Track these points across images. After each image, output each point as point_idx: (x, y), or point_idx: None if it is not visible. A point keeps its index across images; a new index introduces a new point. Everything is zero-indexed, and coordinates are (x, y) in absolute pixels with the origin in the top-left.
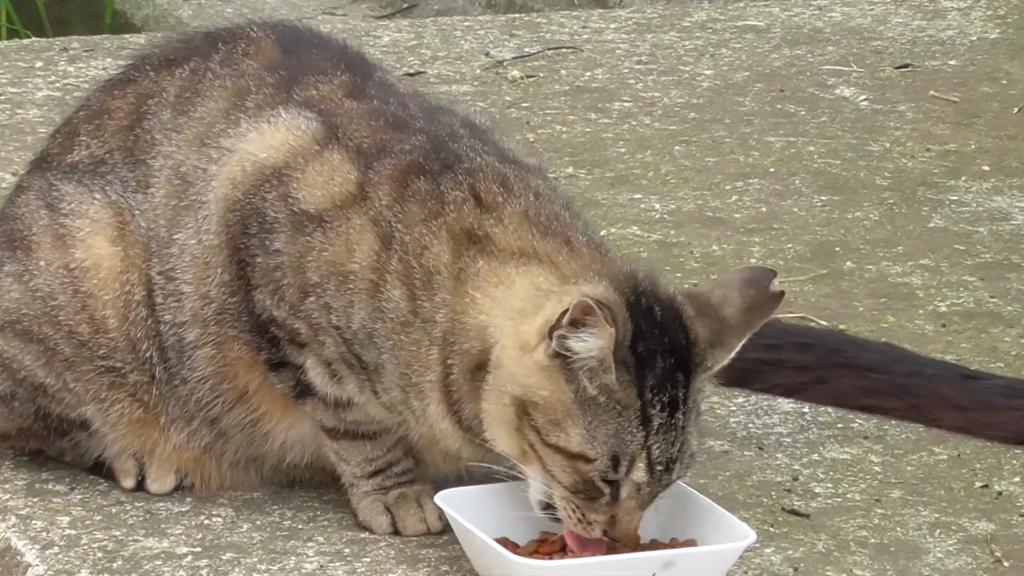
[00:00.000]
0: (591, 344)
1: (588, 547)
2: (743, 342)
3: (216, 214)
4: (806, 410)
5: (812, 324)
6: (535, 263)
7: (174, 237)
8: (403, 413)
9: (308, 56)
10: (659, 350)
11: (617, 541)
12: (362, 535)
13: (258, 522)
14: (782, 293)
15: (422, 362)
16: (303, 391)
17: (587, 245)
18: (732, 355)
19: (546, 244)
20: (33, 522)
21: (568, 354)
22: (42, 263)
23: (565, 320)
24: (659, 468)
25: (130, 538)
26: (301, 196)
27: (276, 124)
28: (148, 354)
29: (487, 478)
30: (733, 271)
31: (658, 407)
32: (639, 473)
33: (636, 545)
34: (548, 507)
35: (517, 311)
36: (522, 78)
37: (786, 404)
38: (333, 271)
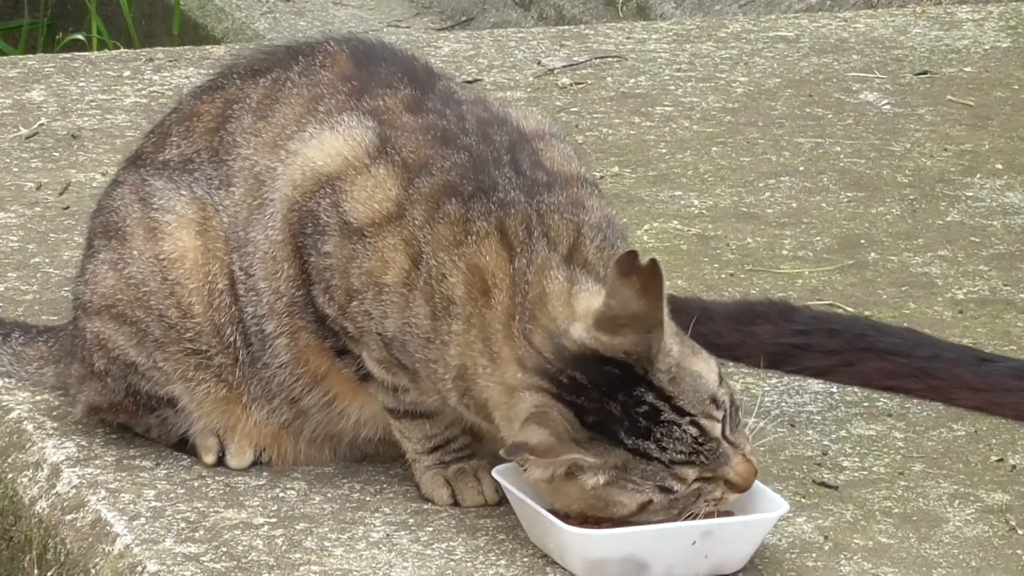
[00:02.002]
0: (540, 472)
1: None
2: (665, 309)
3: (280, 212)
4: (834, 390)
5: (839, 311)
6: (506, 358)
7: (249, 236)
8: (452, 407)
9: (377, 69)
10: (604, 400)
11: (744, 487)
12: (425, 506)
13: (329, 495)
14: (653, 260)
15: (442, 380)
16: (366, 375)
17: (522, 336)
18: (665, 326)
19: (513, 347)
20: (121, 495)
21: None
22: (135, 252)
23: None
24: (693, 456)
25: (211, 509)
26: (348, 207)
27: (336, 131)
28: (232, 339)
29: None
30: (603, 278)
31: (645, 439)
32: (688, 476)
33: (753, 473)
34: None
35: (507, 410)
36: (571, 85)
37: (816, 384)
38: (372, 281)
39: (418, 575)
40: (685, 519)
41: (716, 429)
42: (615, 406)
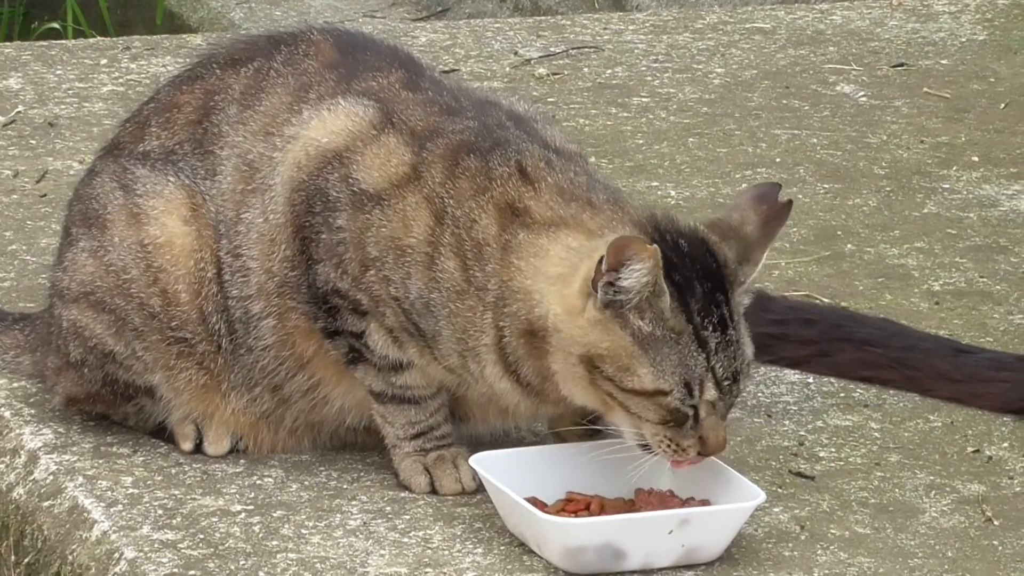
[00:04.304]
0: (641, 272)
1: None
2: (766, 252)
3: (282, 195)
4: (811, 381)
5: (816, 301)
6: (563, 228)
7: (242, 217)
8: (462, 375)
9: (364, 56)
10: (695, 276)
11: (711, 454)
12: (402, 494)
13: (306, 482)
14: (790, 202)
15: (477, 327)
16: (355, 357)
17: (608, 203)
18: (759, 266)
19: (570, 208)
20: (99, 482)
21: (619, 298)
22: (116, 239)
23: (604, 266)
24: (727, 383)
25: (188, 497)
26: (360, 176)
27: (336, 111)
28: (217, 326)
29: (518, 442)
30: (741, 191)
31: (710, 328)
32: (710, 392)
33: (721, 448)
34: (645, 447)
35: (557, 276)
36: (548, 75)
37: (792, 375)
38: (391, 246)
39: (395, 563)
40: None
41: (745, 386)
42: (699, 287)
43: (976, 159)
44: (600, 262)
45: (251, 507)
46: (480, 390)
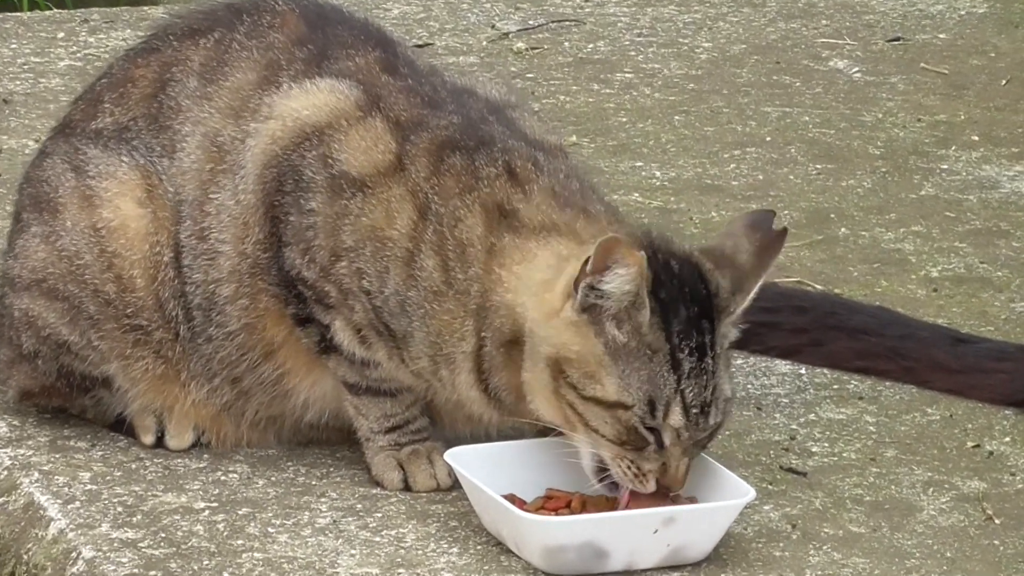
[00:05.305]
0: (625, 278)
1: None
2: (760, 283)
3: (253, 172)
4: (803, 371)
5: (808, 288)
6: (555, 235)
7: (210, 197)
8: (430, 381)
9: (334, 31)
10: (681, 298)
11: (669, 489)
12: (374, 491)
13: (273, 478)
14: (785, 230)
15: (456, 333)
16: (327, 347)
17: (604, 213)
18: (751, 297)
19: (565, 215)
20: (55, 477)
21: (598, 303)
22: (68, 224)
23: (590, 267)
24: (694, 411)
25: (149, 493)
26: (343, 158)
27: (319, 86)
28: (174, 313)
29: (497, 436)
30: (734, 218)
31: (686, 351)
32: (676, 417)
33: (678, 486)
34: (602, 472)
35: (541, 283)
36: (527, 50)
37: (783, 366)
38: (370, 236)
39: (366, 563)
40: (599, 476)
41: (714, 420)
42: (684, 310)
43: (976, 138)
44: (586, 263)
45: (215, 504)
46: (447, 396)
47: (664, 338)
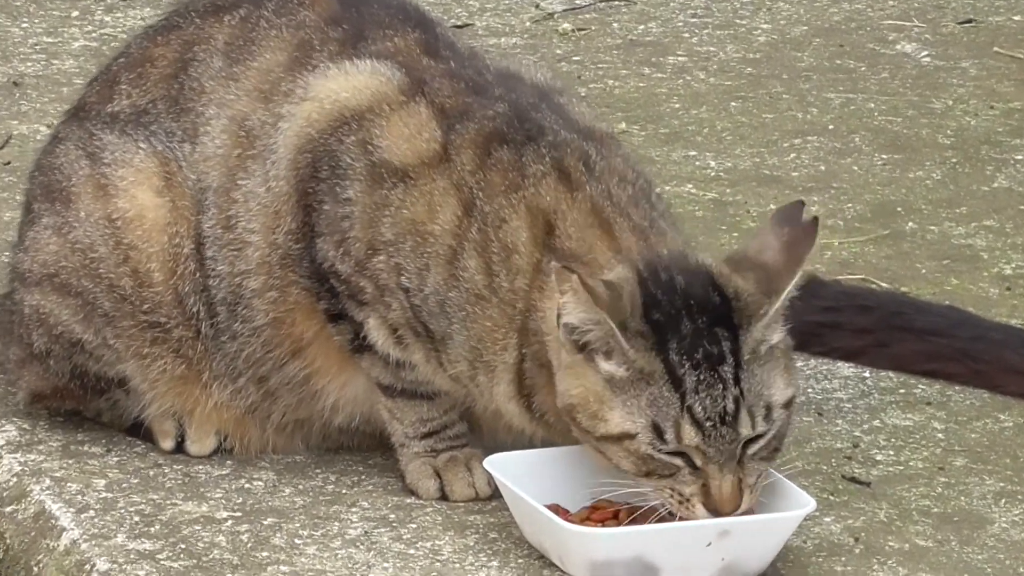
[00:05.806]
0: (576, 306)
1: None
2: (795, 279)
3: (286, 157)
4: (867, 375)
5: (872, 286)
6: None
7: (238, 184)
8: (468, 387)
9: (369, 10)
10: (685, 313)
11: (720, 510)
12: (408, 500)
13: (300, 486)
14: (816, 219)
15: (498, 343)
16: (360, 346)
17: (631, 229)
18: (786, 295)
19: (593, 234)
20: (68, 485)
21: (578, 339)
22: (82, 214)
23: (560, 301)
24: (710, 425)
25: (168, 501)
26: (384, 145)
27: (359, 67)
28: (195, 309)
29: (540, 443)
30: (767, 217)
31: (689, 365)
32: (689, 435)
33: (735, 507)
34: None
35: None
36: (573, 31)
37: (846, 368)
38: (411, 230)
39: None
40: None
41: (746, 430)
42: (688, 324)
43: None
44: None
45: (239, 514)
46: (486, 405)
47: (659, 359)
